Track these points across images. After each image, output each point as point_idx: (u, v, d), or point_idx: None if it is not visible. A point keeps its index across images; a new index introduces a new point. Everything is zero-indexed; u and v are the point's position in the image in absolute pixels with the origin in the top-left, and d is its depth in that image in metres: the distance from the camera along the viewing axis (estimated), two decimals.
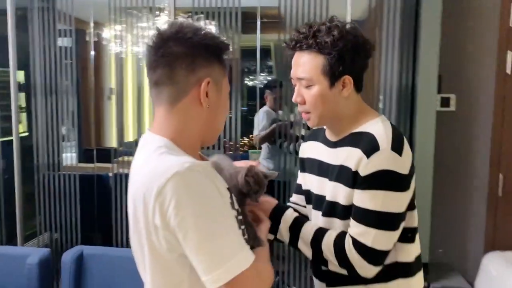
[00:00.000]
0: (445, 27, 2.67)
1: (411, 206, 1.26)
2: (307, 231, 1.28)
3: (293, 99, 1.31)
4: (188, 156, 1.02)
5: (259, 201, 1.23)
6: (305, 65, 1.25)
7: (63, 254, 1.93)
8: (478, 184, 2.94)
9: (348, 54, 1.22)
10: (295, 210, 1.38)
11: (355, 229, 1.20)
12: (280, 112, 3.10)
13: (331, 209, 1.28)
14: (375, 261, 1.20)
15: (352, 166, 1.21)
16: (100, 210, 3.14)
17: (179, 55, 1.03)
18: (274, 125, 3.14)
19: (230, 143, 3.03)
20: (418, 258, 1.33)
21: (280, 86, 3.31)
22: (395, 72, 2.76)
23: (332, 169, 1.29)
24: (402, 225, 1.23)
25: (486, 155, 2.91)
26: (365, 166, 1.18)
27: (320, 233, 1.26)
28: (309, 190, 1.40)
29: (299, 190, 1.47)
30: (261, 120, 3.50)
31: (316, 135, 1.43)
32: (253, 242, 1.06)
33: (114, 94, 4.42)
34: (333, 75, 1.23)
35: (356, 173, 1.20)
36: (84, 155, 3.94)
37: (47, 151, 3.05)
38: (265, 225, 1.20)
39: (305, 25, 1.27)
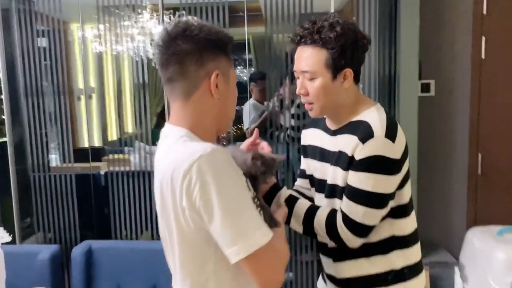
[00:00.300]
0: (423, 15, 2.78)
1: (399, 186, 1.35)
2: (300, 209, 1.38)
3: (297, 91, 1.39)
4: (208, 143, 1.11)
5: (268, 182, 1.34)
6: (309, 59, 1.34)
7: (72, 249, 1.99)
8: (459, 164, 3.08)
9: (349, 49, 1.31)
10: (297, 191, 1.49)
11: (347, 206, 1.31)
12: (270, 104, 3.17)
13: (332, 191, 1.38)
14: (362, 234, 1.32)
15: (349, 151, 1.31)
16: (94, 209, 3.18)
17: (188, 51, 1.10)
18: (265, 113, 3.18)
19: None
20: (414, 232, 1.44)
21: (264, 78, 3.33)
22: (377, 60, 2.85)
23: (332, 155, 1.39)
24: (391, 203, 1.34)
25: (465, 137, 3.06)
26: (360, 151, 1.29)
27: (312, 210, 1.37)
28: (312, 175, 1.51)
29: (303, 174, 1.56)
30: (249, 113, 3.56)
31: (317, 122, 1.52)
32: (269, 223, 1.16)
33: (94, 93, 4.43)
34: (335, 68, 1.32)
35: (352, 157, 1.31)
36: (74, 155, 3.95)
37: (35, 153, 3.06)
38: (282, 210, 1.31)
39: (308, 21, 1.35)
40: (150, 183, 2.99)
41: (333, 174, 1.38)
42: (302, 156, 1.59)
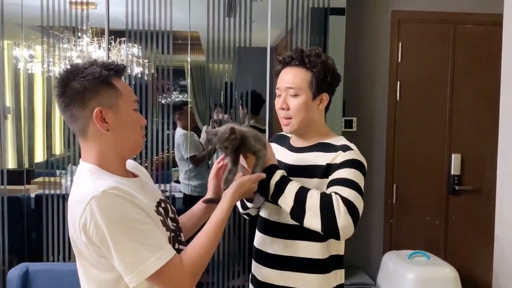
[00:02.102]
0: (347, 60, 3.08)
1: None
2: (290, 189, 1.40)
3: (280, 105, 1.55)
4: (112, 176, 1.20)
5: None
6: (296, 77, 1.52)
7: (9, 272, 1.98)
8: (376, 193, 3.38)
9: (329, 76, 1.53)
10: None
11: (338, 188, 1.38)
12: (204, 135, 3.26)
13: None
14: (354, 216, 1.34)
15: (324, 162, 1.48)
16: (25, 233, 3.10)
17: (71, 97, 1.19)
18: (210, 147, 3.21)
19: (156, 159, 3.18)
20: (342, 257, 1.62)
21: (187, 104, 3.38)
22: None
23: (296, 169, 1.53)
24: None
25: (382, 169, 3.39)
26: (341, 157, 1.46)
27: (304, 189, 1.40)
28: None
29: None
30: (181, 143, 3.55)
31: (282, 140, 1.69)
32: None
33: (22, 113, 4.32)
34: (317, 89, 1.52)
35: (329, 165, 1.46)
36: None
37: None
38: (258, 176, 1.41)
39: (296, 49, 1.56)
40: None
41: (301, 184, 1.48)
42: None
